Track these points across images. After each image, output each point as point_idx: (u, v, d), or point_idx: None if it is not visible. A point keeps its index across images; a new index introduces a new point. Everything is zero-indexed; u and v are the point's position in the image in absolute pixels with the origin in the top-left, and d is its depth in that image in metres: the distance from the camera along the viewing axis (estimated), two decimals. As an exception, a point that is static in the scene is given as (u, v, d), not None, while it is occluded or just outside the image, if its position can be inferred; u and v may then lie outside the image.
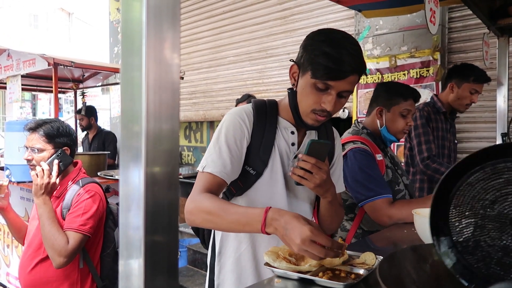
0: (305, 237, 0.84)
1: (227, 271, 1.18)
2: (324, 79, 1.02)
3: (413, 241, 1.24)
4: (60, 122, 1.81)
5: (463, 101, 2.36)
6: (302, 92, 1.09)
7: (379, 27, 3.38)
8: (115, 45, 6.22)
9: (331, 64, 1.00)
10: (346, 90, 1.05)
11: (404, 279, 0.57)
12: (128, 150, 0.50)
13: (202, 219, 1.04)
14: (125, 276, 0.51)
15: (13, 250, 3.42)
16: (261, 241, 1.16)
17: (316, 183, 1.05)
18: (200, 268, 3.70)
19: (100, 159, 3.69)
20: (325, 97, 1.05)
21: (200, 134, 5.32)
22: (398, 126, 1.70)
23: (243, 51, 4.65)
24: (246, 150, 1.13)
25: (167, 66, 0.50)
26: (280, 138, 1.17)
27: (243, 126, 1.13)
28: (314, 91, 1.06)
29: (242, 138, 1.12)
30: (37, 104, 16.66)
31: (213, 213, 1.00)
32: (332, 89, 1.04)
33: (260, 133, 1.14)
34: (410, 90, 1.74)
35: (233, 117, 1.14)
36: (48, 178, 1.64)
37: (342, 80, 1.02)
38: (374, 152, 1.64)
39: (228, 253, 1.19)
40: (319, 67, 1.02)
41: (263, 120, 1.16)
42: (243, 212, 0.98)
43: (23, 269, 1.72)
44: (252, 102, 1.20)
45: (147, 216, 0.49)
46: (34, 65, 3.62)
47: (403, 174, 1.79)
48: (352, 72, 1.02)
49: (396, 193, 1.67)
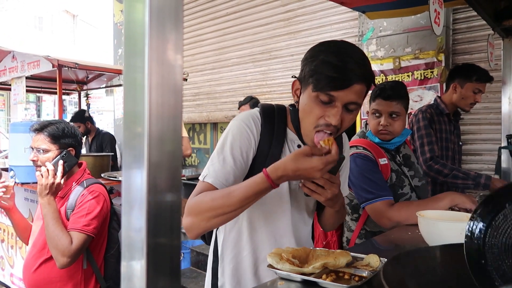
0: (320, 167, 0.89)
1: (228, 275, 1.17)
2: (327, 89, 0.94)
3: (418, 243, 1.23)
4: (65, 123, 1.82)
5: (467, 100, 2.36)
6: (304, 108, 1.01)
7: (383, 28, 3.37)
8: (119, 46, 6.25)
9: (333, 72, 0.93)
10: (352, 102, 0.96)
11: (409, 282, 0.57)
12: (131, 151, 0.50)
13: (206, 222, 0.97)
14: (127, 277, 0.51)
15: (17, 251, 3.44)
16: (262, 246, 1.15)
17: (327, 197, 0.99)
18: (203, 270, 3.70)
19: (104, 160, 3.70)
20: (329, 110, 0.96)
21: (203, 135, 5.32)
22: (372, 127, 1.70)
23: (246, 52, 4.65)
24: (252, 161, 1.07)
25: (170, 67, 0.50)
26: (287, 151, 1.11)
27: (250, 136, 1.06)
28: (317, 105, 0.97)
29: (249, 149, 1.06)
30: (41, 105, 16.75)
31: (216, 206, 0.95)
32: (336, 100, 0.95)
33: (267, 145, 1.08)
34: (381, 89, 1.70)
35: (240, 125, 1.07)
36: (52, 178, 1.65)
37: (347, 89, 0.94)
38: (377, 157, 1.64)
39: (230, 258, 1.17)
40: (321, 77, 0.94)
41: (270, 130, 1.09)
42: (244, 186, 0.95)
43: (28, 269, 1.73)
44: (260, 108, 1.12)
45: (150, 217, 0.48)
46: (39, 66, 3.65)
47: (415, 176, 1.75)
48: (357, 80, 0.94)
49: (399, 197, 1.65)
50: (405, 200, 1.66)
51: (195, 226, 0.98)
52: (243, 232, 1.15)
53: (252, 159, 1.07)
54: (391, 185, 1.65)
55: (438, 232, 1.10)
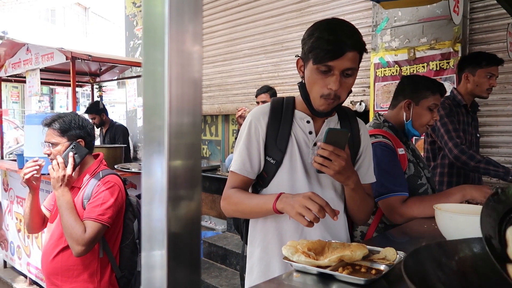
0: (305, 195, 1.01)
1: (256, 259, 1.27)
2: (324, 61, 1.09)
3: (434, 236, 1.22)
4: (73, 115, 1.84)
5: (483, 86, 2.34)
6: (309, 81, 1.17)
7: (398, 18, 3.30)
8: (131, 38, 6.27)
9: (327, 45, 1.08)
10: (348, 68, 1.11)
11: (430, 276, 0.56)
12: (151, 143, 0.50)
13: (231, 211, 1.25)
14: (148, 267, 0.51)
15: (33, 240, 3.51)
16: (287, 229, 1.23)
17: (335, 170, 1.09)
18: (215, 261, 3.73)
19: (117, 152, 3.74)
20: (329, 79, 1.12)
21: (215, 127, 5.33)
22: (424, 120, 1.69)
23: (258, 44, 4.62)
24: (264, 143, 1.24)
25: (189, 59, 0.49)
26: (297, 128, 1.25)
27: (258, 126, 1.24)
28: (319, 76, 1.13)
29: (258, 136, 1.24)
30: (54, 98, 16.97)
31: (238, 203, 1.21)
32: (334, 69, 1.10)
33: (276, 125, 1.24)
34: (437, 84, 1.73)
35: (251, 119, 1.26)
36: (63, 171, 1.68)
37: (341, 58, 1.08)
38: (396, 146, 1.62)
39: (257, 242, 1.27)
40: (317, 51, 1.10)
41: (278, 114, 1.25)
42: (262, 197, 1.19)
43: (46, 258, 1.77)
44: (271, 101, 1.29)
45: (170, 207, 0.49)
46: (53, 59, 3.68)
47: (424, 167, 1.76)
48: (349, 49, 1.09)
49: (418, 187, 1.64)
50: (423, 190, 1.65)
51: (226, 211, 1.27)
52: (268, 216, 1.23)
53: (265, 139, 1.24)
54: (410, 175, 1.63)
55: (455, 226, 1.09)
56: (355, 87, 3.65)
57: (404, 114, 1.70)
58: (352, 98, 3.74)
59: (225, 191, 1.25)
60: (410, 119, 1.69)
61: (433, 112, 1.69)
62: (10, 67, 4.38)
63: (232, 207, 1.23)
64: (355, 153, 1.29)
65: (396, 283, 0.88)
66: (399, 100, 1.74)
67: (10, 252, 4.00)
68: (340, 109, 1.32)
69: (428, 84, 1.70)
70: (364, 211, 1.29)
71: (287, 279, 0.92)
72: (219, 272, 3.51)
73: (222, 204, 1.25)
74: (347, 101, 3.71)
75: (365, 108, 3.58)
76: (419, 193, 1.63)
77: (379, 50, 3.38)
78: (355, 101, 3.70)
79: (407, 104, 1.70)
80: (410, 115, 1.69)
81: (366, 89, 3.64)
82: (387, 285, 0.87)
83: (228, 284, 3.26)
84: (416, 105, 1.69)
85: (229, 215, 1.29)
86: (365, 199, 1.26)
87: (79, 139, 1.79)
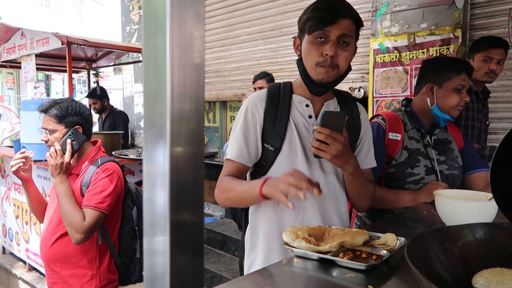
0: (287, 173, 0.98)
1: (256, 247, 1.25)
2: (319, 28, 1.11)
3: (434, 222, 1.23)
4: (70, 101, 1.81)
5: (481, 71, 2.35)
6: (305, 53, 1.17)
7: (398, 3, 3.26)
8: (127, 24, 6.18)
9: (321, 13, 1.11)
10: (344, 34, 1.11)
11: (432, 261, 0.56)
12: (152, 128, 0.49)
13: (223, 199, 1.19)
14: (150, 253, 0.51)
15: (31, 227, 3.52)
16: (287, 217, 1.21)
17: (332, 154, 1.07)
18: (214, 246, 3.76)
19: (114, 138, 3.72)
20: (325, 47, 1.12)
21: (213, 114, 5.31)
22: (452, 102, 1.60)
23: (256, 29, 4.56)
24: (261, 129, 1.21)
25: (192, 44, 0.48)
26: (295, 112, 1.22)
27: (255, 111, 1.21)
28: (315, 45, 1.13)
29: (255, 122, 1.21)
30: (50, 84, 16.79)
31: (229, 189, 1.16)
32: (329, 35, 1.11)
33: (274, 111, 1.21)
34: (461, 63, 1.65)
35: (247, 105, 1.23)
36: (61, 158, 1.67)
37: (335, 24, 1.10)
38: (390, 130, 1.60)
39: (257, 230, 1.25)
40: (312, 21, 1.12)
41: (276, 100, 1.22)
42: (249, 183, 1.16)
43: (44, 244, 1.77)
44: (267, 86, 1.27)
45: (172, 193, 0.48)
46: (48, 44, 3.63)
47: (445, 163, 1.66)
48: (343, 16, 1.11)
49: (406, 175, 1.59)
50: (412, 180, 1.60)
51: (218, 200, 1.21)
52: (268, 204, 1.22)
53: (263, 126, 1.21)
54: (400, 162, 1.60)
55: (455, 212, 1.09)
56: (354, 73, 3.63)
57: (428, 99, 1.64)
58: (351, 84, 3.72)
59: (219, 179, 1.21)
60: (435, 103, 1.63)
61: (461, 92, 1.60)
62: (4, 53, 4.32)
63: (224, 194, 1.18)
64: (355, 138, 1.27)
65: (396, 269, 0.89)
66: (422, 85, 1.68)
67: (8, 238, 4.01)
68: (339, 93, 1.31)
69: (451, 64, 1.62)
70: (365, 197, 1.27)
71: (288, 265, 0.93)
72: (218, 258, 3.54)
73: (215, 193, 1.20)
74: (346, 87, 3.69)
75: (364, 95, 3.56)
76: (406, 182, 1.59)
77: (379, 36, 3.35)
78: (353, 87, 3.68)
79: (429, 88, 1.64)
80: (434, 100, 1.63)
81: (365, 75, 3.62)
82: (388, 270, 0.88)
83: (227, 269, 3.29)
84: (439, 88, 1.62)
85: (222, 204, 1.23)
86: (365, 185, 1.24)
87: (76, 126, 1.77)
